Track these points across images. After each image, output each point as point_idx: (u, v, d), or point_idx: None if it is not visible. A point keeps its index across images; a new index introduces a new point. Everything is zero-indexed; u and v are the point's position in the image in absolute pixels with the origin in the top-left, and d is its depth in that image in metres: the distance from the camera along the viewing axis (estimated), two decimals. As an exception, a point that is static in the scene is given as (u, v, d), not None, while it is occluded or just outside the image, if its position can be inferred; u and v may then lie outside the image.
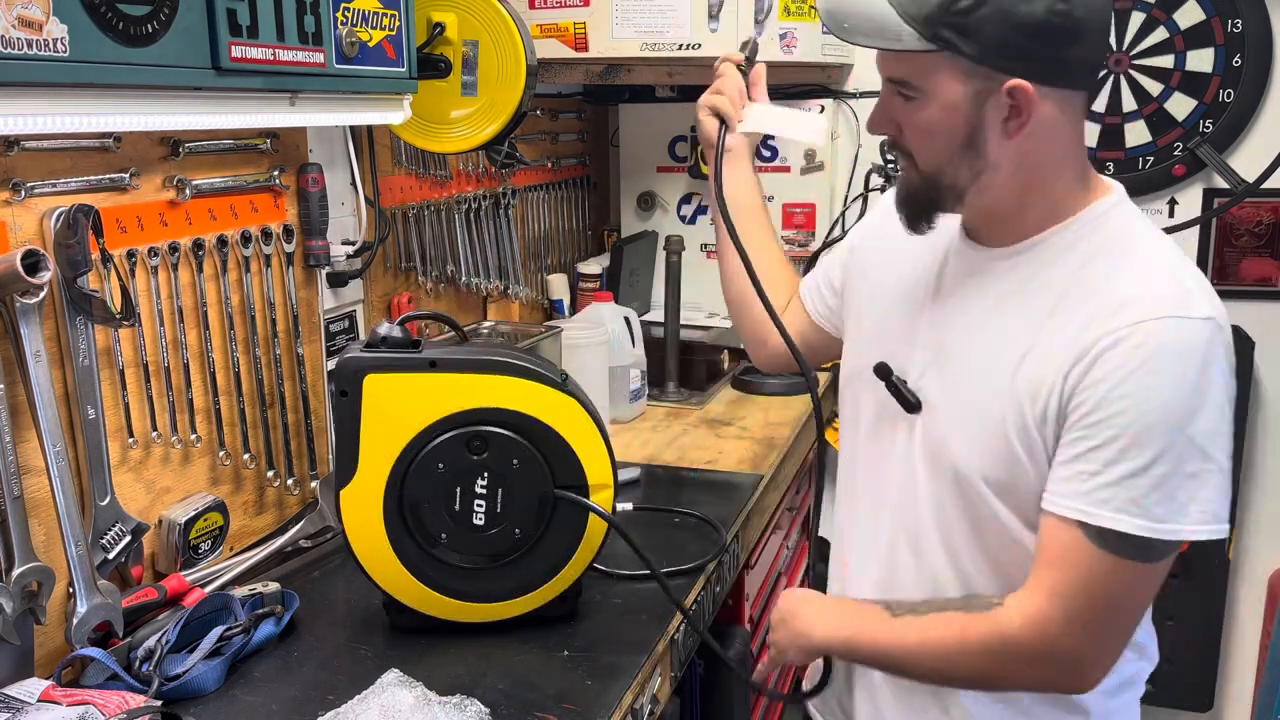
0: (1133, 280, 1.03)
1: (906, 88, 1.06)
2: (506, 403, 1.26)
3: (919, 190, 1.11)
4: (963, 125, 1.04)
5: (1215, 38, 2.30)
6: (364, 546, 1.28)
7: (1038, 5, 0.97)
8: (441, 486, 1.26)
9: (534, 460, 1.27)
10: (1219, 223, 2.39)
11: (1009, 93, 1.01)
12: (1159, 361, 0.97)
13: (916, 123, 1.07)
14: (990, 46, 0.99)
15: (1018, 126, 1.03)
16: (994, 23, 0.98)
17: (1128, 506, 0.98)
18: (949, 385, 1.14)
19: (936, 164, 1.07)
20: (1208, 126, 2.33)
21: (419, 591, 1.30)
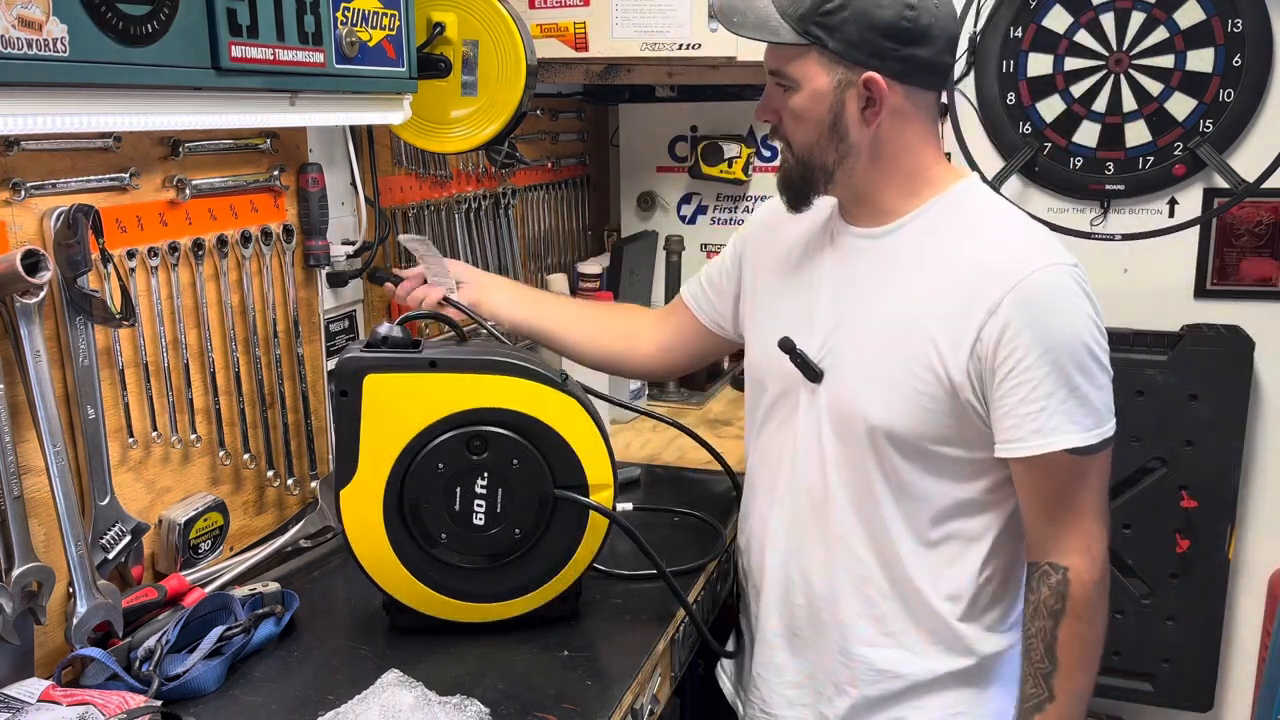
0: (1006, 245, 1.22)
1: (783, 78, 1.24)
2: (506, 403, 1.26)
3: (794, 171, 1.28)
4: (828, 112, 1.22)
5: (1215, 38, 2.29)
6: (364, 546, 1.28)
7: (889, 11, 1.17)
8: (441, 486, 1.26)
9: (534, 460, 1.27)
10: (1219, 223, 2.38)
11: (865, 84, 1.19)
12: (1053, 305, 1.17)
13: (791, 110, 1.25)
14: (850, 43, 1.18)
15: (873, 114, 1.21)
16: (854, 23, 1.17)
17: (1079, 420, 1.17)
18: (852, 351, 1.28)
19: (808, 146, 1.26)
20: (1208, 126, 2.33)
21: (419, 592, 1.30)
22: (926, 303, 1.22)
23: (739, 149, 2.59)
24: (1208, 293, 2.42)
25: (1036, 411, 1.17)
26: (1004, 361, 1.17)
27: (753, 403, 1.45)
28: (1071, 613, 1.21)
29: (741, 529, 1.50)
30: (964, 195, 1.27)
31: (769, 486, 1.40)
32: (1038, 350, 1.16)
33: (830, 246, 1.34)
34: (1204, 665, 2.43)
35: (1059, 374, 1.16)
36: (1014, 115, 2.45)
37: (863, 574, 1.31)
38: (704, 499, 1.78)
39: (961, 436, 1.23)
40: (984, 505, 1.27)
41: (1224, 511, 2.35)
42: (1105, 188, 2.43)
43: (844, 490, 1.30)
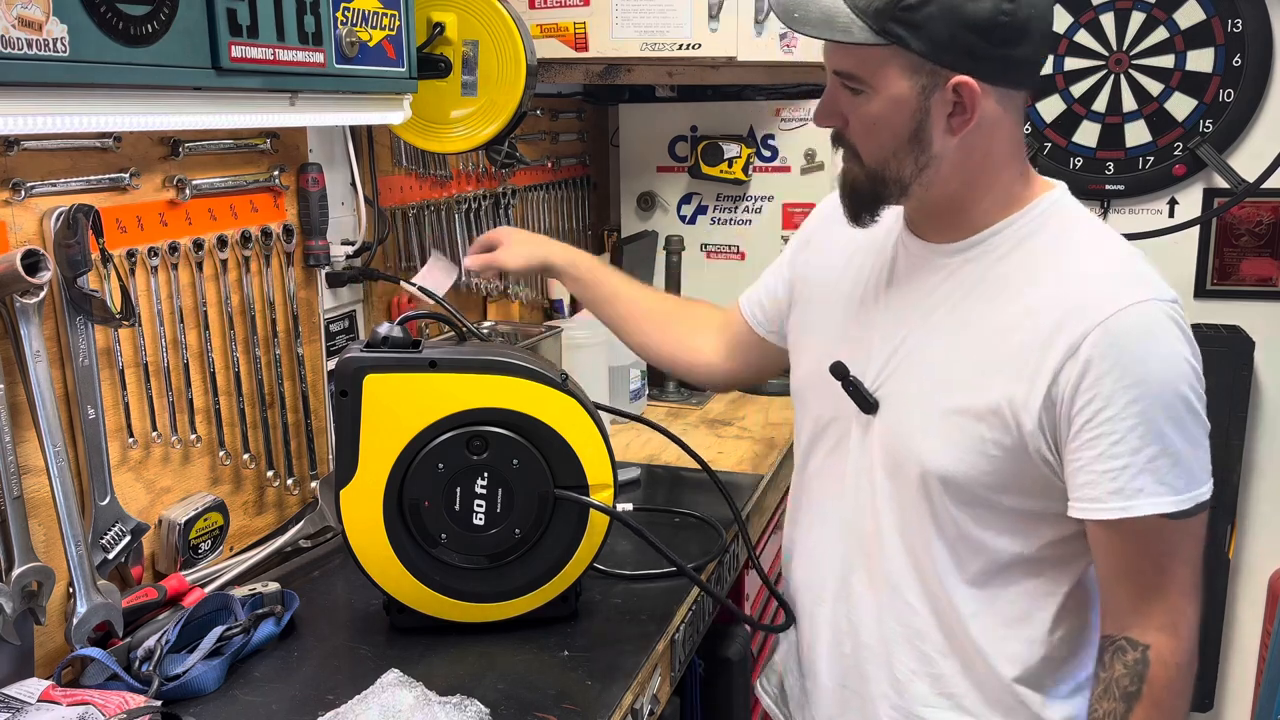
0: (1094, 274, 1.06)
1: (853, 81, 1.08)
2: (506, 403, 1.26)
3: (863, 183, 1.12)
4: (908, 120, 1.06)
5: (1215, 38, 2.30)
6: (364, 546, 1.28)
7: (984, 4, 1.00)
8: (442, 486, 1.26)
9: (534, 460, 1.26)
10: (1219, 223, 2.39)
11: (955, 89, 1.04)
12: (1144, 347, 1.02)
13: (862, 116, 1.09)
14: (938, 43, 1.02)
15: (962, 123, 1.06)
16: (942, 20, 1.00)
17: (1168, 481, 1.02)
18: (911, 382, 1.15)
19: (881, 157, 1.09)
20: (1208, 126, 2.33)
21: (419, 592, 1.30)
22: (999, 335, 1.08)
23: (739, 149, 2.59)
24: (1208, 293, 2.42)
25: (1118, 469, 1.02)
26: (1082, 410, 1.03)
27: (799, 423, 1.34)
28: (1148, 698, 1.05)
29: (791, 564, 1.38)
30: (1052, 210, 1.12)
31: (818, 520, 1.29)
32: (1124, 399, 1.01)
33: (894, 259, 1.20)
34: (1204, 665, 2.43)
35: (1147, 426, 1.01)
36: (1014, 115, 2.45)
37: (917, 627, 1.19)
38: (704, 499, 1.78)
39: (1028, 487, 1.10)
40: (1054, 560, 1.14)
41: (1224, 511, 2.35)
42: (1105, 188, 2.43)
43: (896, 534, 1.18)
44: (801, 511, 1.34)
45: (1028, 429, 1.06)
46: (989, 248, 1.12)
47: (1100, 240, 1.11)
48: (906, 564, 1.18)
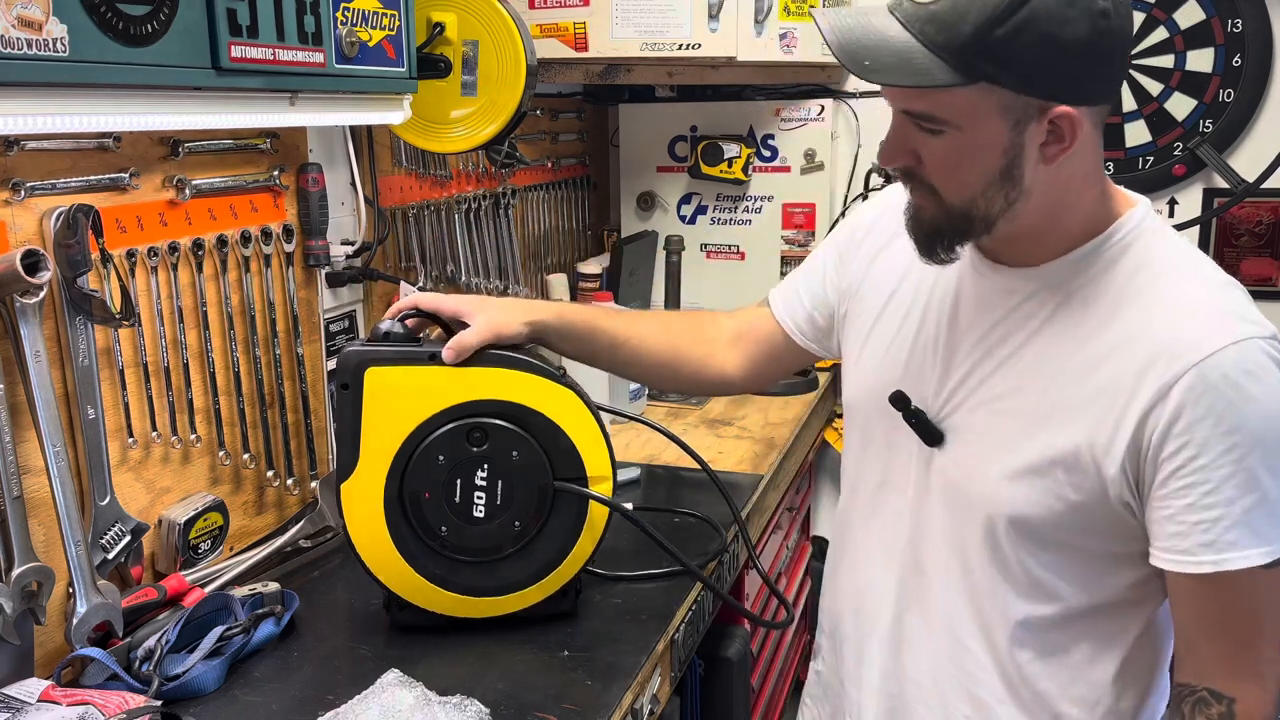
0: (1185, 308, 0.98)
1: (932, 122, 0.97)
2: (506, 395, 1.26)
3: (943, 223, 1.02)
4: (999, 158, 0.97)
5: (1215, 38, 2.30)
6: (365, 540, 1.28)
7: (1081, 26, 0.90)
8: (442, 478, 1.26)
9: (534, 452, 1.27)
10: (1219, 223, 2.39)
11: (1053, 120, 0.95)
12: (1242, 390, 0.93)
13: (944, 156, 0.99)
14: (1033, 75, 0.92)
15: (1058, 151, 0.97)
16: (1037, 49, 0.91)
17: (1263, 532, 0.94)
18: (978, 417, 1.07)
19: (968, 196, 1.00)
20: (1208, 126, 2.33)
21: (420, 587, 1.30)
22: (1080, 373, 1.00)
23: (739, 149, 2.59)
24: (1208, 293, 2.42)
25: (1211, 521, 0.94)
26: (1172, 456, 0.95)
27: (849, 436, 1.27)
28: None
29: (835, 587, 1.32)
30: (1136, 232, 1.03)
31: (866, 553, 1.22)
32: (1219, 446, 0.93)
33: (960, 280, 1.11)
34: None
35: (1244, 475, 0.93)
36: (1014, 115, 2.45)
37: (973, 672, 1.12)
38: (704, 499, 1.78)
39: (1106, 530, 1.03)
40: (1128, 603, 1.07)
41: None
42: (1105, 188, 2.43)
43: (956, 575, 1.11)
44: (850, 537, 1.28)
45: (1110, 475, 0.99)
46: (1069, 274, 1.03)
47: (1191, 268, 1.02)
48: (966, 607, 1.11)
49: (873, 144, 2.56)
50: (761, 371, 1.44)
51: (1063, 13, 0.90)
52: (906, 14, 0.95)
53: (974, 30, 0.90)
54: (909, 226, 1.07)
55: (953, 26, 0.91)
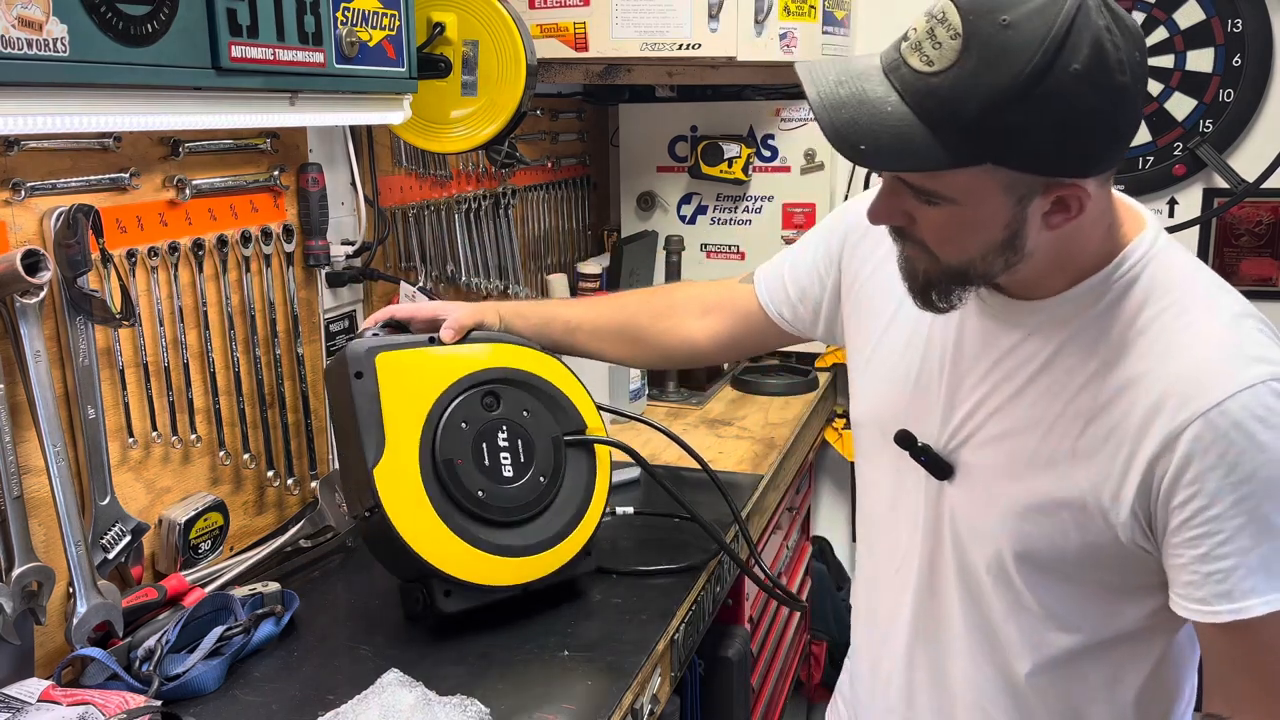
0: (1197, 346, 0.93)
1: (929, 195, 0.92)
2: (504, 363, 1.38)
3: (940, 279, 0.98)
4: (1000, 230, 0.92)
5: (1215, 38, 2.30)
6: (407, 519, 1.26)
7: (1097, 95, 0.84)
8: (469, 443, 1.32)
9: (541, 410, 1.39)
10: (1219, 223, 2.39)
11: (1059, 197, 0.90)
12: (1254, 438, 0.89)
13: (941, 226, 0.94)
14: (1042, 155, 0.86)
15: (1064, 220, 0.92)
16: (1048, 130, 0.84)
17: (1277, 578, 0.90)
18: (985, 455, 1.04)
19: (965, 260, 0.95)
20: (1208, 126, 2.33)
21: (464, 555, 1.29)
22: (1088, 414, 0.96)
23: (739, 149, 2.59)
24: (1208, 293, 2.42)
25: (1225, 571, 0.90)
26: (1183, 505, 0.91)
27: (859, 445, 1.24)
28: None
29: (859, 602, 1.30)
30: (1146, 260, 0.97)
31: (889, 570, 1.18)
32: (1231, 496, 0.89)
33: (971, 307, 1.05)
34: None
35: (1259, 525, 0.89)
36: (1014, 115, 2.45)
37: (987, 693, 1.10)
38: (704, 499, 1.77)
39: (1123, 566, 0.99)
40: (1150, 629, 1.04)
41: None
42: (1105, 188, 2.43)
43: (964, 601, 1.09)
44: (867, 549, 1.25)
45: (1120, 520, 0.96)
46: (1075, 309, 0.98)
47: (1201, 298, 0.96)
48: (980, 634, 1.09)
49: (873, 144, 2.56)
50: (735, 344, 1.47)
51: (1078, 91, 0.83)
52: (904, 82, 0.87)
53: (979, 111, 0.84)
54: (902, 275, 1.03)
55: (955, 106, 0.84)
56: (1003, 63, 0.82)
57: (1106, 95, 0.84)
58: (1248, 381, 0.89)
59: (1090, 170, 0.89)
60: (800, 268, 1.33)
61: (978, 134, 0.85)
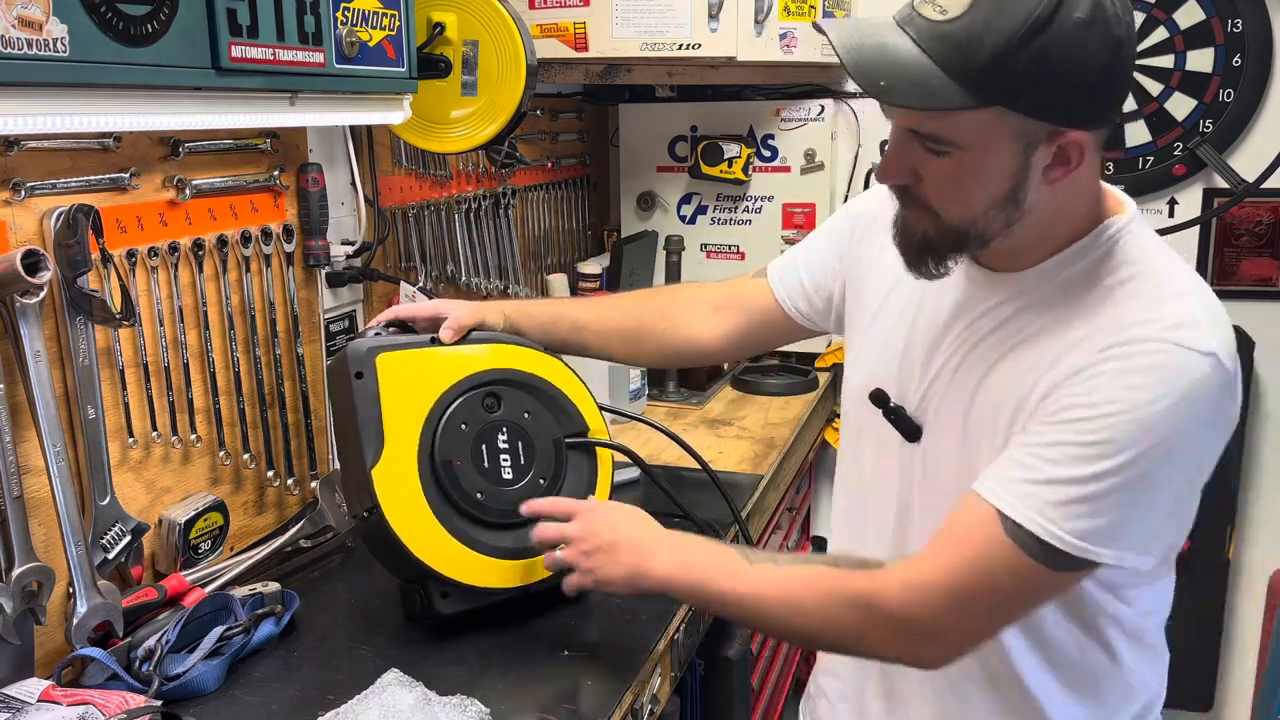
0: (1145, 304, 0.97)
1: (940, 143, 0.96)
2: (506, 364, 1.37)
3: (938, 240, 1.02)
4: (1005, 180, 0.96)
5: (1215, 38, 2.30)
6: (404, 519, 1.27)
7: (1098, 53, 0.90)
8: (469, 445, 1.32)
9: (542, 411, 1.38)
10: (1219, 223, 2.39)
11: (1061, 145, 0.95)
12: (1144, 381, 0.92)
13: (948, 177, 0.98)
14: (1048, 100, 0.91)
15: (1063, 174, 0.97)
16: (1054, 75, 0.90)
17: (1050, 509, 0.94)
18: (945, 411, 1.09)
19: (968, 217, 0.99)
20: (1208, 126, 2.33)
21: (461, 557, 1.29)
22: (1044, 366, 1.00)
23: (739, 149, 2.59)
24: (1208, 293, 2.42)
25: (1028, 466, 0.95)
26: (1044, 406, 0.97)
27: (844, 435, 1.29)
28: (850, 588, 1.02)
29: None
30: (1118, 237, 1.02)
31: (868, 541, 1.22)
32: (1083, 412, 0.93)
33: (956, 282, 1.11)
34: (1204, 665, 2.43)
35: (1079, 453, 0.93)
36: (1014, 115, 2.45)
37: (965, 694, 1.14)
38: (704, 499, 1.77)
39: None
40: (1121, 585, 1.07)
41: (1224, 512, 2.35)
42: (1105, 188, 2.43)
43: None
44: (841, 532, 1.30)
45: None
46: (1048, 275, 1.03)
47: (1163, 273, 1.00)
48: None
49: (873, 144, 2.56)
50: (746, 341, 1.46)
51: (1082, 39, 0.88)
52: (919, 30, 0.92)
53: (991, 55, 0.88)
54: (897, 240, 1.07)
55: (969, 49, 0.89)
56: (1011, 8, 0.88)
57: (1107, 45, 0.90)
58: (1183, 342, 0.92)
59: (1091, 122, 0.94)
60: (814, 260, 1.36)
61: (990, 77, 0.89)
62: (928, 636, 1.01)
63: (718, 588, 1.11)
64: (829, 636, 1.08)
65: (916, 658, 1.05)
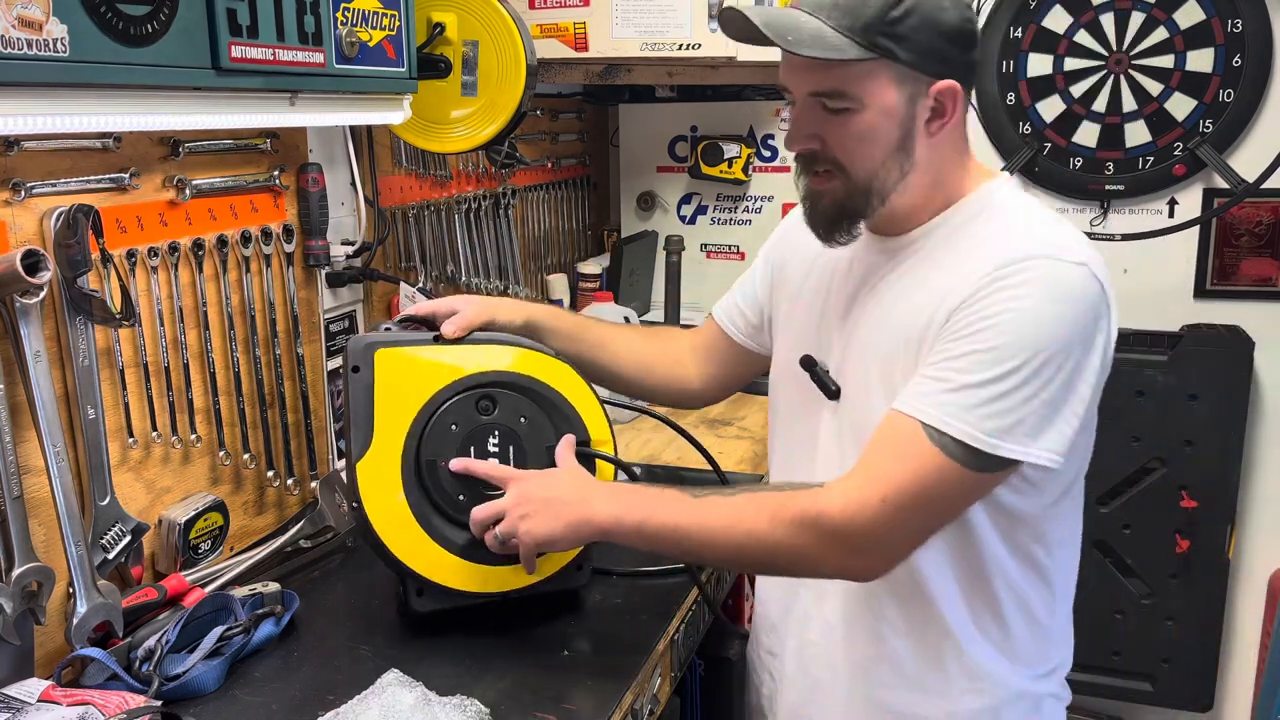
0: (1022, 234, 1.10)
1: (839, 99, 1.10)
2: (509, 367, 1.34)
3: (848, 200, 1.14)
4: (896, 129, 1.11)
5: (1215, 38, 2.30)
6: (383, 517, 1.27)
7: (954, 13, 1.08)
8: (456, 446, 1.29)
9: (540, 417, 1.34)
10: (1219, 223, 2.39)
11: (937, 94, 1.10)
12: (1031, 288, 1.04)
13: (850, 132, 1.11)
14: (922, 53, 1.08)
15: (940, 126, 1.12)
16: (923, 30, 1.07)
17: (964, 413, 1.03)
18: (867, 366, 1.19)
19: (870, 170, 1.12)
20: (1208, 126, 2.33)
21: (440, 559, 1.29)
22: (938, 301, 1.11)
23: (739, 149, 2.59)
24: (1208, 293, 2.42)
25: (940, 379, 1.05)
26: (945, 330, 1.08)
27: (772, 419, 1.40)
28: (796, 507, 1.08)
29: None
30: (987, 201, 1.16)
31: None
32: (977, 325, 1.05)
33: (852, 256, 1.25)
34: (1204, 665, 2.43)
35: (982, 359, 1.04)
36: (1014, 115, 2.45)
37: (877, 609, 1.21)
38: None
39: None
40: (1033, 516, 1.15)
41: (1224, 511, 2.35)
42: (1105, 188, 2.43)
43: None
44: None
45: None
46: (934, 236, 1.17)
47: (1031, 212, 1.15)
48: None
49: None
50: (715, 378, 1.53)
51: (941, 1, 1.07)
52: (812, 5, 1.09)
53: (874, 12, 1.06)
54: (809, 215, 1.19)
55: (855, 11, 1.06)
56: None
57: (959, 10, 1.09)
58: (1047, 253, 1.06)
59: (956, 72, 1.11)
60: (747, 283, 1.48)
61: (874, 31, 1.06)
62: (867, 548, 1.08)
63: (663, 522, 1.14)
64: (781, 560, 1.12)
65: (855, 570, 1.12)
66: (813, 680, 1.30)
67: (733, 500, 1.13)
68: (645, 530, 1.14)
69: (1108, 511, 2.39)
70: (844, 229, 1.17)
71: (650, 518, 1.14)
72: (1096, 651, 2.46)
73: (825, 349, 1.26)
